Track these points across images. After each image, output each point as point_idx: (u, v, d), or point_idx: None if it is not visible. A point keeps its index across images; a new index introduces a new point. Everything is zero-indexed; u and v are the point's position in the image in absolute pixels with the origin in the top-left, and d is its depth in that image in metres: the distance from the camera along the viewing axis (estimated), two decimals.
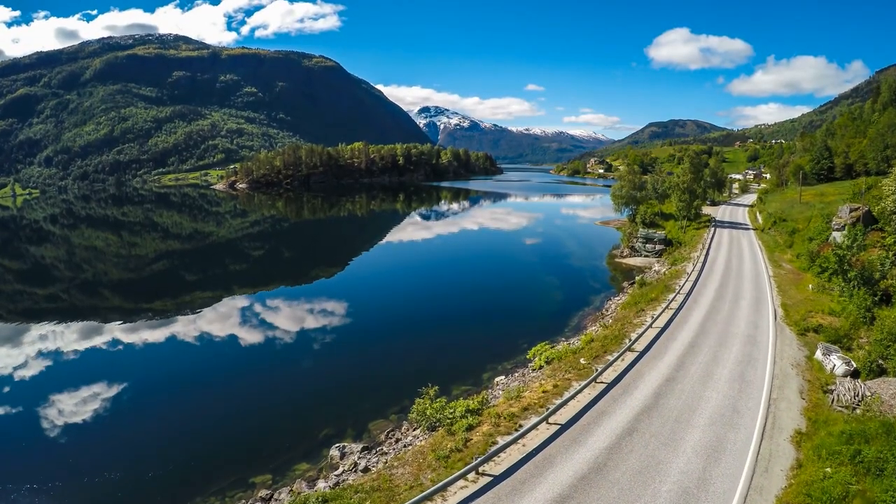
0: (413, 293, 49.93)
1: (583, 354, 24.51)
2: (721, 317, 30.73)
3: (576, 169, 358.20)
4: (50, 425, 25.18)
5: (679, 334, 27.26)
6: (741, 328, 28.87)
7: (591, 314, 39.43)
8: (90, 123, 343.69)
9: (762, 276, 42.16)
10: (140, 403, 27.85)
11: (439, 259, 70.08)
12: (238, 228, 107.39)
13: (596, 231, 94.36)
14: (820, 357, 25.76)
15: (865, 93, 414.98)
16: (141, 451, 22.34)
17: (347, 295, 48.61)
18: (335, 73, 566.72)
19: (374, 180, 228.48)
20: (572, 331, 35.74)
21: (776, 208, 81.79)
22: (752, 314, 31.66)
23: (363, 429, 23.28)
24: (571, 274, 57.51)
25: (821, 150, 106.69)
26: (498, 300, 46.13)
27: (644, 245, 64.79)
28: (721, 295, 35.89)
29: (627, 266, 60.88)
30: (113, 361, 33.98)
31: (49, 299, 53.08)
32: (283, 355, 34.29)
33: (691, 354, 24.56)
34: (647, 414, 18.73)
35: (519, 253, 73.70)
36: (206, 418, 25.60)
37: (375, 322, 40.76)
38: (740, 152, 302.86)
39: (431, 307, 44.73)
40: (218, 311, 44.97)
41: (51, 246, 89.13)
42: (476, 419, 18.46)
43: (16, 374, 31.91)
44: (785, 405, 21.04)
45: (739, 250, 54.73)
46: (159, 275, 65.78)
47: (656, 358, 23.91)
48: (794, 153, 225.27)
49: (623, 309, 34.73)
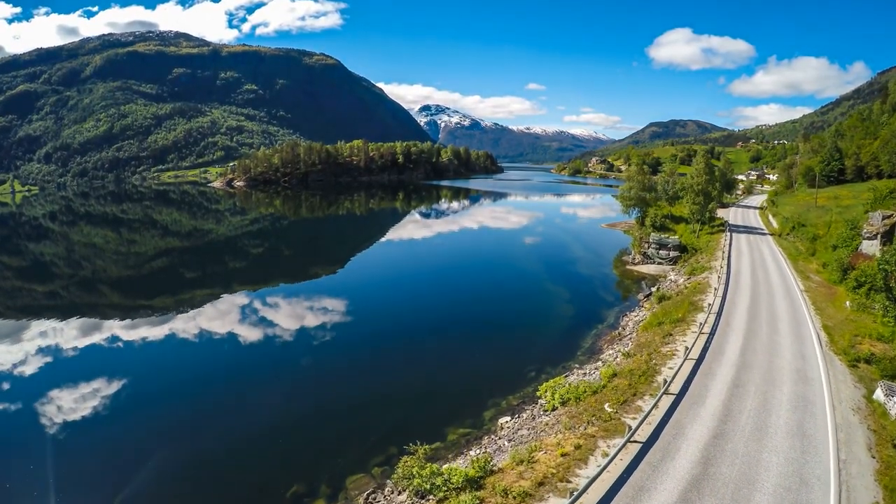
0: (406, 305, 45.54)
1: (606, 396, 20.41)
2: (761, 344, 26.64)
3: (577, 168, 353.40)
4: (48, 422, 25.12)
5: (718, 369, 23.15)
6: (786, 359, 24.80)
7: (606, 333, 35.29)
8: (90, 120, 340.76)
9: (793, 291, 38.07)
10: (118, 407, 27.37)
11: (436, 265, 65.50)
12: (237, 226, 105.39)
13: (602, 234, 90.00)
14: (881, 398, 21.83)
15: (867, 94, 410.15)
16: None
17: (334, 306, 44.40)
18: (336, 70, 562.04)
19: (373, 178, 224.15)
20: (586, 354, 31.65)
21: (791, 212, 77.75)
22: (793, 340, 27.58)
23: (339, 486, 19.26)
24: (580, 283, 53.19)
25: (831, 152, 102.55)
26: (500, 314, 41.78)
27: (657, 251, 60.58)
28: (755, 314, 31.76)
29: (640, 274, 56.74)
30: (106, 358, 33.97)
31: (49, 296, 52.67)
32: (258, 377, 30.29)
33: (737, 397, 20.48)
34: (695, 490, 14.67)
35: (521, 258, 69.12)
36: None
37: (362, 341, 36.28)
38: (742, 153, 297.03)
39: (426, 323, 40.31)
40: (203, 313, 41.81)
41: (50, 243, 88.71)
42: (476, 500, 14.29)
43: (15, 371, 31.70)
44: (856, 469, 17.04)
45: (762, 259, 50.61)
46: (157, 272, 65.31)
47: (697, 403, 19.83)
48: (798, 154, 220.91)
49: (645, 331, 30.59)
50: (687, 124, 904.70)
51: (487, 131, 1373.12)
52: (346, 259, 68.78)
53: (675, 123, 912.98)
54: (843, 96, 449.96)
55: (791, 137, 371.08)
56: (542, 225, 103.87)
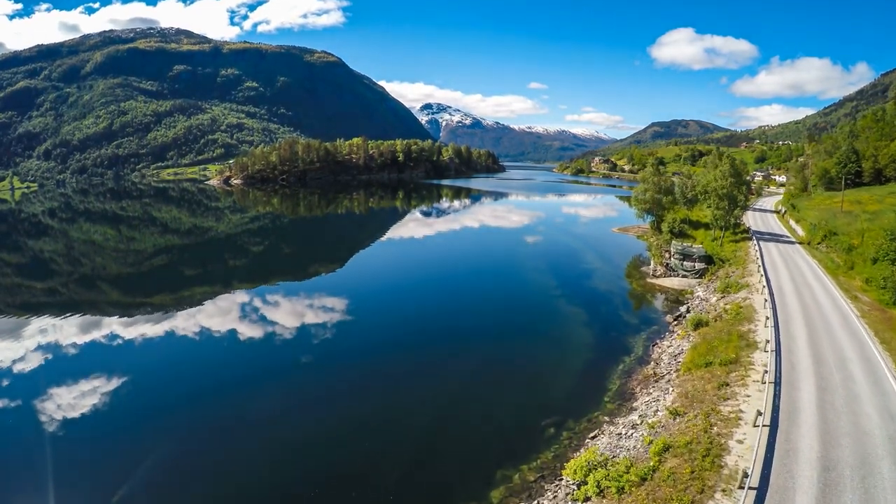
0: (400, 326, 40.18)
1: (662, 490, 15.34)
2: (839, 399, 21.50)
3: (580, 168, 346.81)
4: (47, 419, 25.06)
5: (799, 441, 17.98)
6: (874, 422, 19.66)
7: (636, 370, 30.06)
8: (89, 117, 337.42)
9: (849, 318, 32.90)
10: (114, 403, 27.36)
11: (434, 275, 59.44)
12: (237, 224, 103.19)
13: (614, 240, 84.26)
14: None
15: (870, 95, 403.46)
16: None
17: (324, 318, 39.60)
18: (337, 68, 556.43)
19: (372, 177, 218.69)
20: (615, 400, 26.44)
21: (816, 217, 72.48)
22: (873, 390, 22.43)
23: None
24: (597, 301, 47.39)
25: (847, 154, 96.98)
26: (507, 341, 36.19)
27: (681, 262, 55.18)
28: (819, 354, 26.57)
29: (662, 288, 51.48)
30: (105, 355, 33.74)
31: (48, 293, 52.45)
32: (255, 375, 29.30)
33: (832, 489, 15.40)
34: None
35: (529, 268, 63.01)
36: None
37: (343, 378, 30.85)
38: (747, 153, 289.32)
39: (420, 351, 34.61)
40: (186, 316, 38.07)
41: (49, 240, 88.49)
42: None
43: (14, 368, 31.43)
44: None
45: (801, 274, 45.37)
46: (156, 270, 64.85)
47: (783, 502, 14.80)
48: (805, 155, 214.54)
49: (689, 372, 25.39)
50: (689, 124, 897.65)
51: (489, 130, 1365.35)
52: (345, 258, 67.46)
53: (677, 123, 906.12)
54: (847, 97, 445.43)
55: (794, 138, 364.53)
56: (548, 228, 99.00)
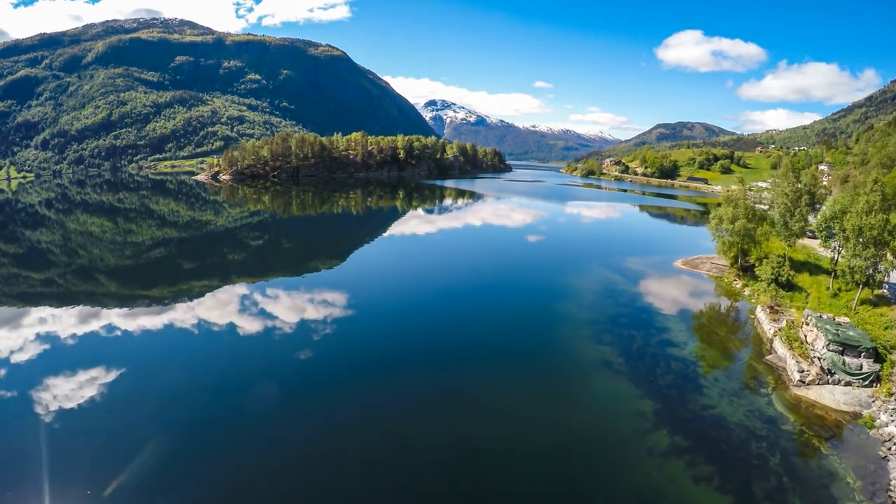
0: (401, 328, 37.99)
1: None
2: None
3: (590, 169, 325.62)
4: (43, 410, 25.15)
5: None
6: None
7: None
8: (89, 107, 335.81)
9: None
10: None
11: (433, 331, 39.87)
12: (236, 218, 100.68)
13: (684, 284, 56.61)
14: None
15: (880, 102, 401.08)
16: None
17: (318, 327, 37.84)
18: (342, 62, 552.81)
19: (370, 175, 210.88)
20: None
21: None
22: None
23: None
24: (724, 451, 23.99)
25: None
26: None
27: (840, 359, 31.93)
28: None
29: (816, 408, 29.25)
30: (102, 347, 33.63)
31: (44, 283, 52.23)
32: (253, 371, 28.64)
33: None
34: None
35: (576, 347, 36.72)
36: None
37: (342, 374, 29.37)
38: (762, 158, 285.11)
39: (428, 348, 32.31)
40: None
41: (46, 230, 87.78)
42: None
43: (10, 359, 31.30)
44: None
45: None
46: (154, 262, 64.63)
47: None
48: (824, 162, 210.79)
49: None
50: (694, 126, 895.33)
51: (493, 128, 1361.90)
52: (344, 255, 66.15)
53: (683, 125, 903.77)
54: (856, 103, 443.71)
55: (802, 143, 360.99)
56: (589, 258, 70.74)
